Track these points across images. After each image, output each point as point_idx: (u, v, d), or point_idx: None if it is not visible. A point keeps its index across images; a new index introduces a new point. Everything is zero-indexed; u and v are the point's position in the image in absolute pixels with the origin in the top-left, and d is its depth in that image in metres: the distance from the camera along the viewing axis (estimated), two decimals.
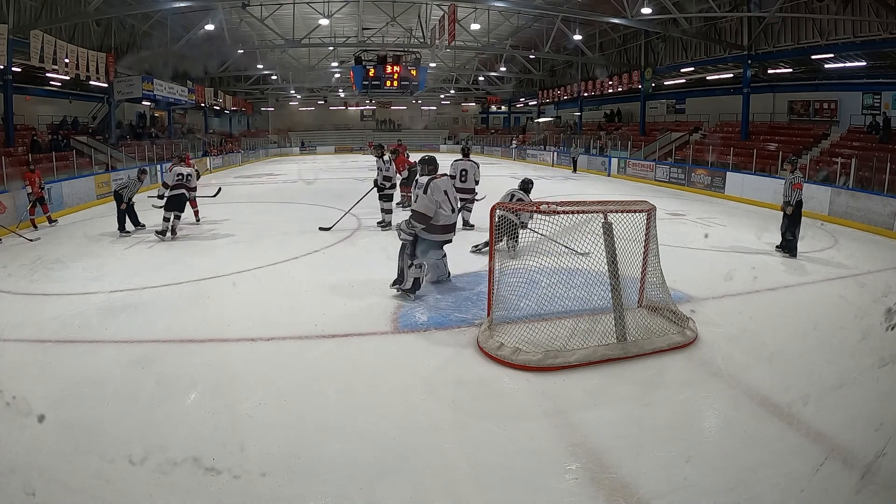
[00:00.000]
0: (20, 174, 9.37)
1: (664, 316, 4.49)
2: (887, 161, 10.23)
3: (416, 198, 5.05)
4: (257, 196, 14.54)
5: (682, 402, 3.45)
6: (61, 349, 4.19)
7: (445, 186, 5.08)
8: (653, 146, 20.35)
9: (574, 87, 27.30)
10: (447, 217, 5.02)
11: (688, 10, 16.36)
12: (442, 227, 5.04)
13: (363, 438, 2.96)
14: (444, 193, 5.01)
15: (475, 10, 19.84)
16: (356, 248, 7.58)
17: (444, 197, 4.99)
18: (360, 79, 20.81)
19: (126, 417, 3.19)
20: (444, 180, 5.15)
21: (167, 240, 8.17)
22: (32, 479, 2.59)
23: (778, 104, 18.42)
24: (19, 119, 15.70)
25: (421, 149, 23.77)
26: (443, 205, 4.97)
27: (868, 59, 14.44)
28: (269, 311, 5.02)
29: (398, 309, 4.97)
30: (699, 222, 9.99)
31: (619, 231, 4.20)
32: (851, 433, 2.91)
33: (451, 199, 5.09)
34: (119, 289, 5.68)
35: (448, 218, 5.04)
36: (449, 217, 5.04)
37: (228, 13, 18.91)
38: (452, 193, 5.15)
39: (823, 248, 7.84)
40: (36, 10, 14.74)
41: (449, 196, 5.06)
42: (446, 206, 5.01)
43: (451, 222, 5.11)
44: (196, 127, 29.81)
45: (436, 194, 4.94)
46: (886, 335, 3.82)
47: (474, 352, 4.05)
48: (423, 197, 4.92)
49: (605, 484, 2.57)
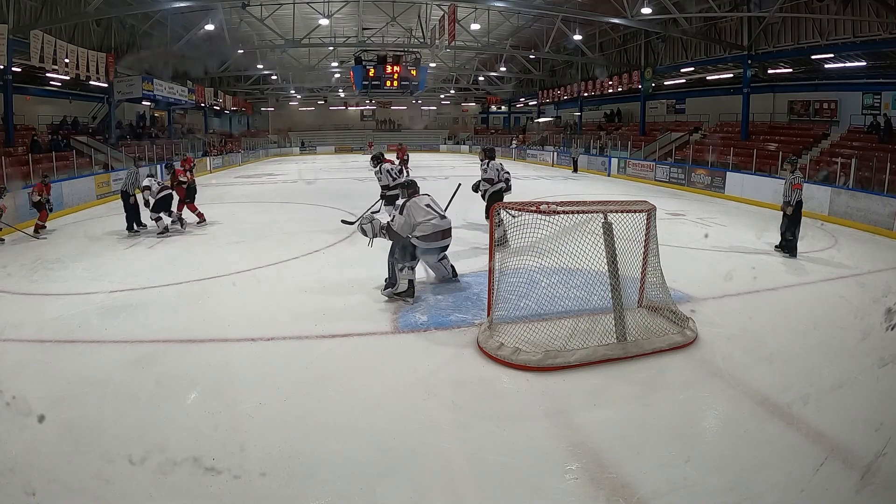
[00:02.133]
0: (22, 178, 9.38)
1: (664, 316, 4.49)
2: (887, 161, 10.23)
3: (393, 217, 5.33)
4: (257, 196, 14.54)
5: (682, 402, 3.45)
6: (61, 349, 4.19)
7: (426, 201, 5.32)
8: (653, 146, 20.35)
9: (574, 87, 27.31)
10: (434, 225, 5.20)
11: (688, 10, 16.37)
12: (433, 236, 5.22)
13: (363, 438, 2.96)
14: (427, 207, 5.26)
15: (475, 10, 19.84)
16: (356, 248, 7.57)
17: (425, 210, 5.22)
18: (360, 79, 20.80)
19: (126, 417, 3.19)
20: (422, 197, 5.38)
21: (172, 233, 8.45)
22: (32, 479, 2.59)
23: (778, 104, 18.43)
24: (19, 119, 15.71)
25: (421, 149, 23.79)
26: (426, 217, 5.18)
27: (868, 59, 14.44)
28: (269, 311, 5.02)
29: (398, 309, 4.97)
30: (699, 222, 9.99)
31: (619, 231, 4.19)
32: (851, 433, 2.91)
33: (437, 209, 5.31)
34: (119, 289, 5.68)
35: (435, 226, 5.21)
36: (437, 225, 5.22)
37: (228, 13, 18.91)
38: (436, 203, 5.37)
39: (823, 248, 7.84)
40: (36, 10, 14.75)
41: (433, 207, 5.29)
42: (431, 216, 5.21)
43: (440, 229, 5.26)
44: (196, 127, 29.80)
45: (414, 213, 5.18)
46: (886, 335, 3.82)
47: (474, 352, 4.05)
48: (399, 217, 5.22)
49: (605, 484, 2.57)
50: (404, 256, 5.17)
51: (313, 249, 7.42)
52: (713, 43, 18.40)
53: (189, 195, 9.39)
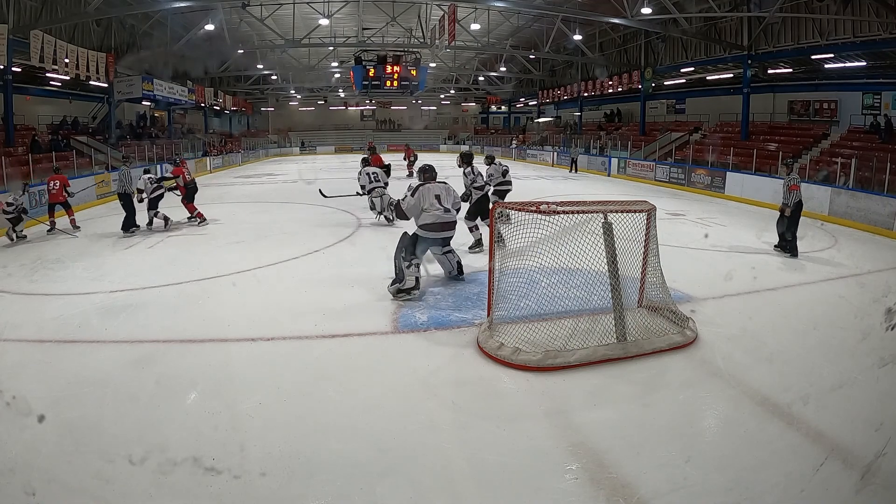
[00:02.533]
0: (22, 178, 9.47)
1: (664, 316, 4.49)
2: (887, 161, 10.23)
3: (405, 197, 5.42)
4: (257, 196, 14.54)
5: (682, 402, 3.45)
6: (61, 349, 4.19)
7: (437, 191, 5.36)
8: (653, 146, 20.35)
9: (574, 87, 27.30)
10: (435, 216, 5.26)
11: (688, 10, 16.37)
12: (432, 226, 5.26)
13: (363, 438, 2.96)
14: (435, 197, 5.31)
15: (475, 10, 19.83)
16: (356, 248, 7.58)
17: (433, 200, 5.29)
18: (360, 79, 20.80)
19: (126, 417, 3.19)
20: (436, 185, 5.42)
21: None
22: (32, 479, 2.58)
23: (778, 104, 18.43)
24: (19, 119, 15.71)
25: (421, 149, 23.80)
26: (431, 207, 5.27)
27: (868, 59, 14.44)
28: (269, 311, 5.02)
29: (398, 309, 4.97)
30: (699, 222, 9.99)
31: (619, 231, 4.19)
32: (851, 433, 2.91)
33: (444, 201, 5.35)
34: (119, 289, 5.68)
35: (436, 217, 5.26)
36: (437, 216, 5.27)
37: (228, 13, 18.91)
38: (447, 196, 5.40)
39: (823, 248, 7.84)
40: (36, 10, 14.75)
41: (441, 199, 5.33)
42: (435, 207, 5.28)
43: (441, 221, 5.30)
44: (196, 127, 29.79)
45: (423, 197, 5.28)
46: (886, 335, 3.82)
47: (474, 352, 4.05)
48: (409, 199, 5.33)
49: (605, 484, 2.57)
50: (409, 249, 5.18)
51: (313, 249, 7.42)
52: (713, 43, 18.40)
53: (189, 196, 9.43)
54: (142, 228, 8.85)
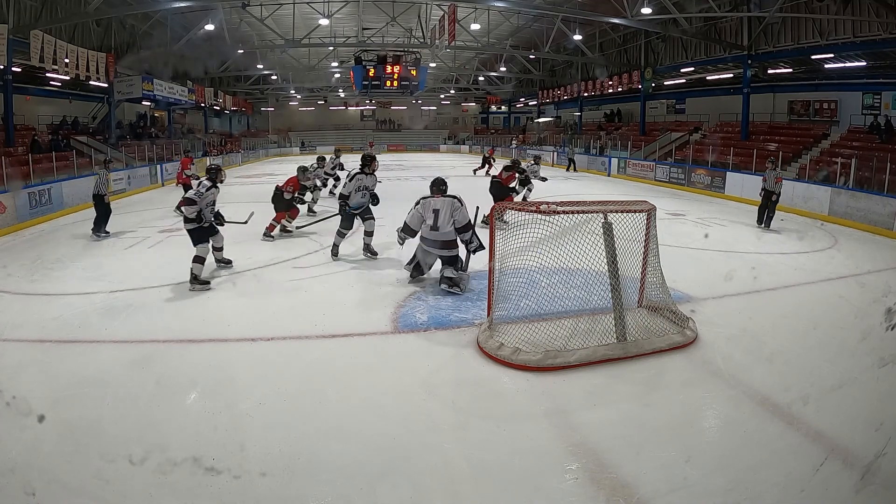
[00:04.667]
0: (22, 178, 9.34)
1: (664, 316, 4.49)
2: (887, 161, 10.23)
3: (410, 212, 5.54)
4: (257, 196, 14.49)
5: (682, 402, 3.45)
6: (61, 349, 4.19)
7: (436, 206, 5.36)
8: (653, 146, 20.34)
9: (574, 87, 27.28)
10: (424, 230, 5.40)
11: (688, 10, 16.36)
12: (425, 240, 5.43)
13: (363, 438, 2.96)
14: (434, 212, 5.35)
15: (475, 10, 19.83)
16: (356, 248, 7.57)
17: (430, 214, 5.35)
18: (360, 79, 20.78)
19: (126, 417, 3.19)
20: (437, 200, 5.41)
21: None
22: (32, 479, 2.58)
23: (778, 104, 18.41)
24: (19, 119, 15.70)
25: (421, 149, 23.81)
26: (425, 220, 5.37)
27: (868, 59, 14.43)
28: (269, 310, 5.02)
29: (398, 309, 4.97)
30: (699, 222, 9.99)
31: (619, 231, 4.19)
32: (851, 433, 2.91)
33: (439, 218, 5.33)
34: (119, 289, 5.68)
35: (425, 231, 5.38)
36: (426, 231, 5.38)
37: (228, 13, 18.91)
38: (446, 212, 5.34)
39: (823, 248, 7.84)
40: (36, 10, 14.75)
41: (438, 215, 5.32)
42: (428, 221, 5.35)
43: (429, 238, 5.38)
44: (196, 127, 29.80)
45: (423, 210, 5.38)
46: (886, 335, 3.81)
47: (474, 352, 4.05)
48: (413, 211, 5.47)
49: (605, 484, 2.57)
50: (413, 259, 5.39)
51: (313, 249, 7.42)
52: (713, 43, 18.39)
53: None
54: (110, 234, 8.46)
